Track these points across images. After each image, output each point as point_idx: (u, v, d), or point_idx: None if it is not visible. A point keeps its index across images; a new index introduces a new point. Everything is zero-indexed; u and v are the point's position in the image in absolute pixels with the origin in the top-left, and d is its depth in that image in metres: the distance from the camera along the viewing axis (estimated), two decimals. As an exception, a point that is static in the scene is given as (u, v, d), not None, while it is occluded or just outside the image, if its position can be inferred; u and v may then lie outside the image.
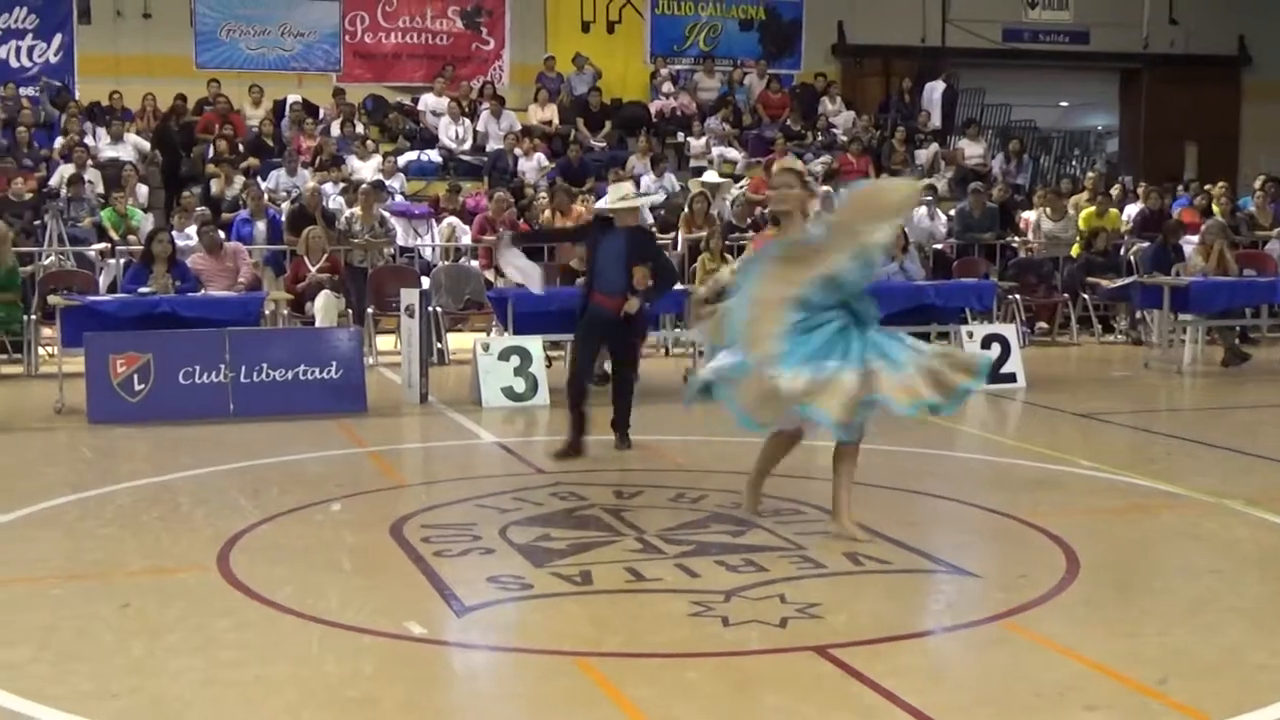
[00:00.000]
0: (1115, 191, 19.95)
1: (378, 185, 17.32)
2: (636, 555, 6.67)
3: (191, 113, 20.36)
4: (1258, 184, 19.59)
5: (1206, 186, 20.26)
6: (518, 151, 20.10)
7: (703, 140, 21.41)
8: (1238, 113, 26.27)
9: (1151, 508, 7.94)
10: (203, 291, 12.80)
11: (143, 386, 10.88)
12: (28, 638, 5.45)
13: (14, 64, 21.07)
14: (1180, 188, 21.08)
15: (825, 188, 18.25)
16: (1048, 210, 18.20)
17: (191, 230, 15.39)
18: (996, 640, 5.52)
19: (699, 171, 20.22)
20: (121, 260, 15.41)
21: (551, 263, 15.18)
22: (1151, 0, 25.59)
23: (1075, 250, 17.79)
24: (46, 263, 15.28)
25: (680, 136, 21.91)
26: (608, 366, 12.99)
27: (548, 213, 16.70)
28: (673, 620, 5.62)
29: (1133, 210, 19.40)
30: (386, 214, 16.63)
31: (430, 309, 13.47)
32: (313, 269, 14.22)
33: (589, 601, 5.99)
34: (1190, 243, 16.65)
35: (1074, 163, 27.21)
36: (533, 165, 19.86)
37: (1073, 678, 5.02)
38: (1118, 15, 25.62)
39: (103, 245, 15.89)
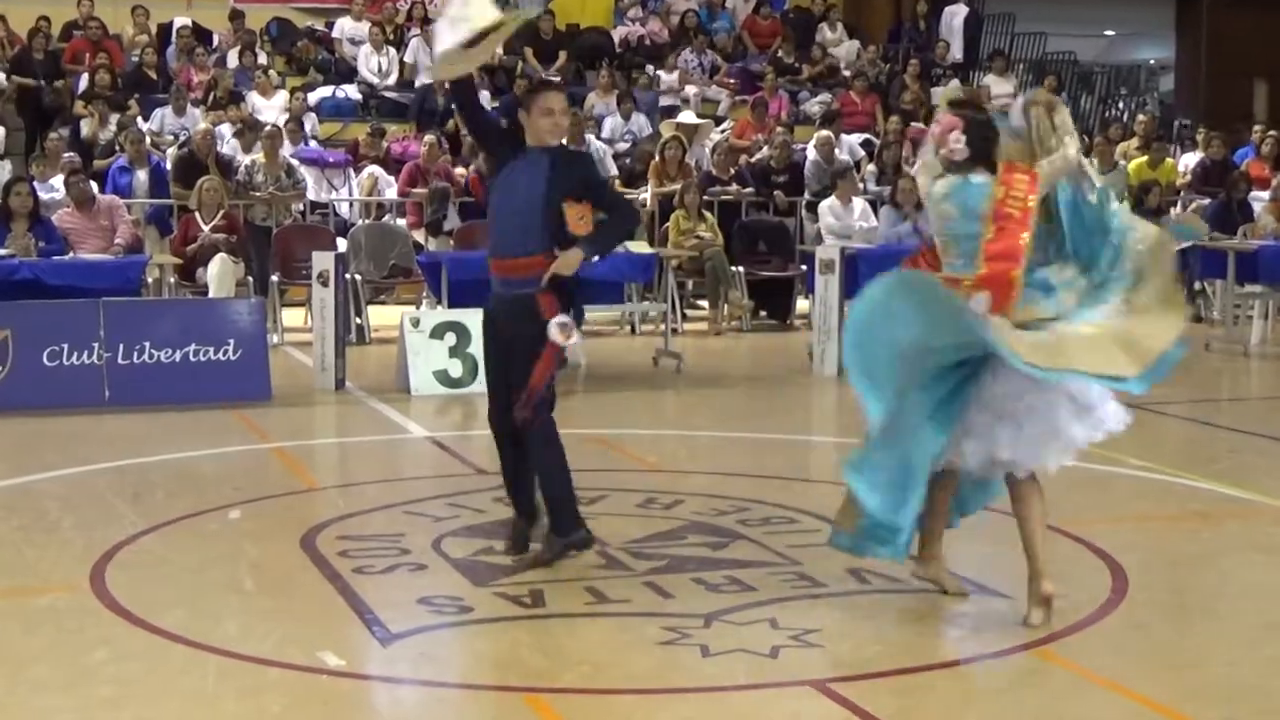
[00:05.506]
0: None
1: (292, 126, 17.25)
2: (598, 572, 6.68)
3: (58, 39, 20.19)
4: (1339, 129, 19.73)
5: (1274, 132, 20.33)
6: (452, 86, 20.02)
7: (675, 75, 21.39)
8: (1316, 45, 26.42)
9: (1213, 515, 7.99)
10: (71, 254, 12.70)
11: (-1, 369, 10.85)
12: None
13: None
14: (1250, 133, 21.14)
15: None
16: (1094, 161, 18.27)
17: (58, 181, 15.26)
18: (1030, 673, 5.55)
19: (672, 112, 20.21)
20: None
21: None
22: (1215, -88, 25.72)
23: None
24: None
25: (650, 70, 21.88)
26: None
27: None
28: (642, 649, 5.62)
29: (1191, 160, 19.48)
30: (295, 162, 16.54)
31: (348, 276, 13.42)
32: (205, 228, 14.14)
33: (541, 627, 5.99)
34: (1259, 200, 16.73)
35: (1121, 104, 27.31)
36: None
37: (1120, 717, 5.05)
38: (1174, -71, 25.76)
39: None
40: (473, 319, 11.72)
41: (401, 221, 16.52)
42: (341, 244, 15.03)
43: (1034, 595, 5.97)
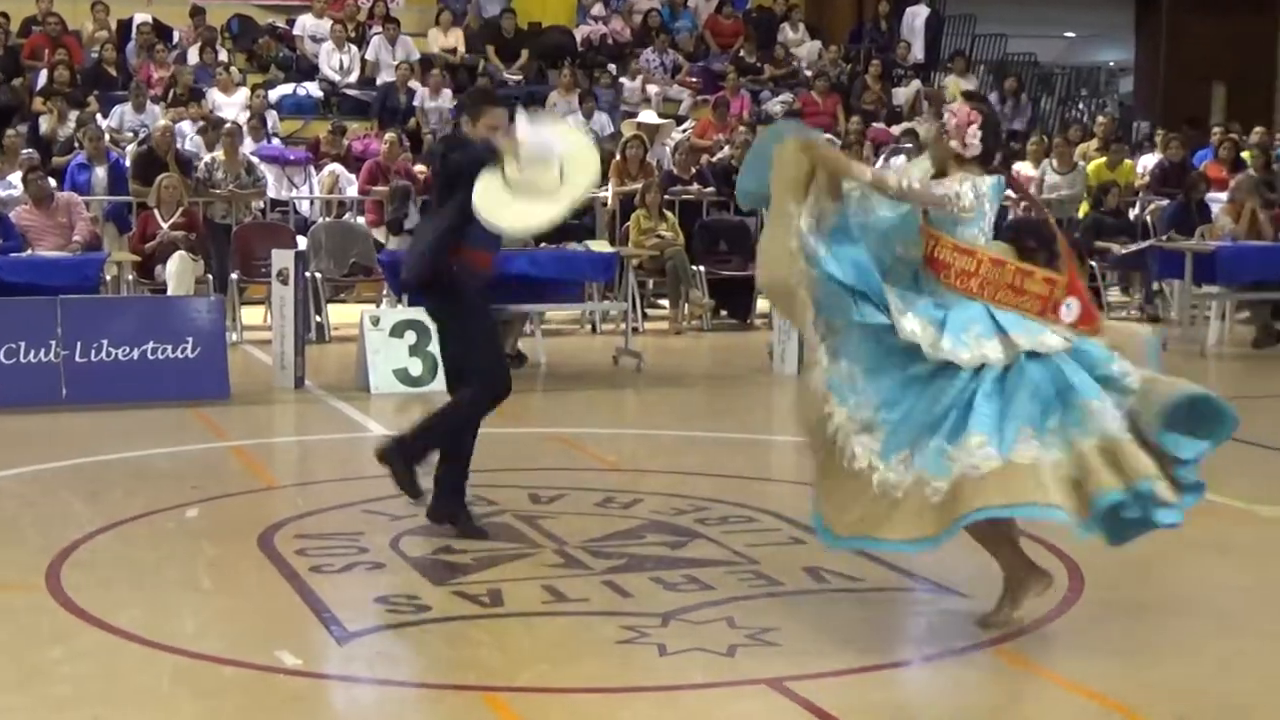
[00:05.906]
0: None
1: (253, 123, 17.21)
2: (556, 570, 6.68)
3: (16, 35, 20.08)
4: (1297, 131, 19.85)
5: (1233, 134, 20.45)
6: (414, 85, 19.99)
7: (638, 81, 21.38)
8: (1274, 47, 26.51)
9: (1170, 515, 8.01)
10: (29, 252, 12.64)
11: (-45, 367, 10.77)
12: None
13: None
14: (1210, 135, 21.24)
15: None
16: (1054, 162, 18.28)
17: (16, 178, 15.19)
18: (986, 671, 5.56)
19: (634, 113, 20.20)
20: (-71, 213, 15.20)
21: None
22: (1175, -86, 25.84)
23: (1083, 209, 17.92)
24: None
25: (612, 69, 21.88)
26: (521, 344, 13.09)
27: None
28: (599, 648, 5.62)
29: (1149, 162, 19.57)
30: (255, 159, 16.49)
31: (308, 274, 13.37)
32: (164, 225, 14.08)
33: (499, 626, 5.99)
34: (1217, 201, 16.81)
35: (1081, 105, 27.43)
36: (437, 104, 19.72)
37: (1076, 715, 5.07)
38: (1134, -69, 25.88)
39: (-95, 195, 15.68)
40: (433, 317, 11.74)
41: (362, 220, 16.47)
42: (302, 242, 14.99)
43: (1034, 587, 5.93)
